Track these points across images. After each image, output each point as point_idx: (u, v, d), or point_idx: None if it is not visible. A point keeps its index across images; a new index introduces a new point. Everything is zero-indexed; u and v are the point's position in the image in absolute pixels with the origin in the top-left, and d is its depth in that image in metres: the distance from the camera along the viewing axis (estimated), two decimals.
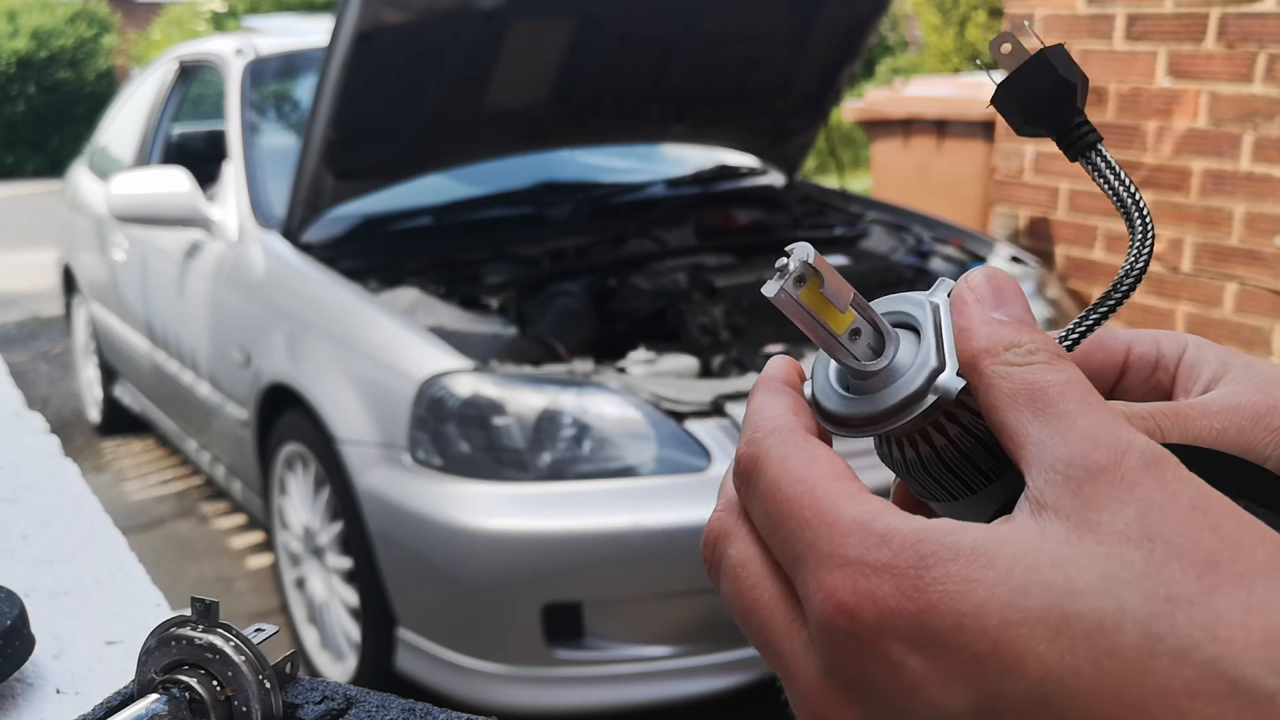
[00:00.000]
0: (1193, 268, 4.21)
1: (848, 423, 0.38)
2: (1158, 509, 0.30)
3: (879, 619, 0.31)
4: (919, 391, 0.36)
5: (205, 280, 3.79)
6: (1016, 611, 0.29)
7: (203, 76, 4.70)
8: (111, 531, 1.01)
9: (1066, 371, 0.33)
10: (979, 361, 0.34)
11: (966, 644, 0.30)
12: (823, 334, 0.36)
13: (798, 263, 0.35)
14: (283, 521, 3.31)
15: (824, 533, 0.33)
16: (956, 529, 0.31)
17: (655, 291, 3.40)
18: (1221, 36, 3.98)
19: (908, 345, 0.37)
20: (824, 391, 0.39)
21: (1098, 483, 0.30)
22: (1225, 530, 0.29)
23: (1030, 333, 0.35)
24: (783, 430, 0.36)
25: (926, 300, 0.38)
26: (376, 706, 0.61)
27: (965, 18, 11.34)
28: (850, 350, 0.37)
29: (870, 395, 0.37)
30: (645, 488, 2.58)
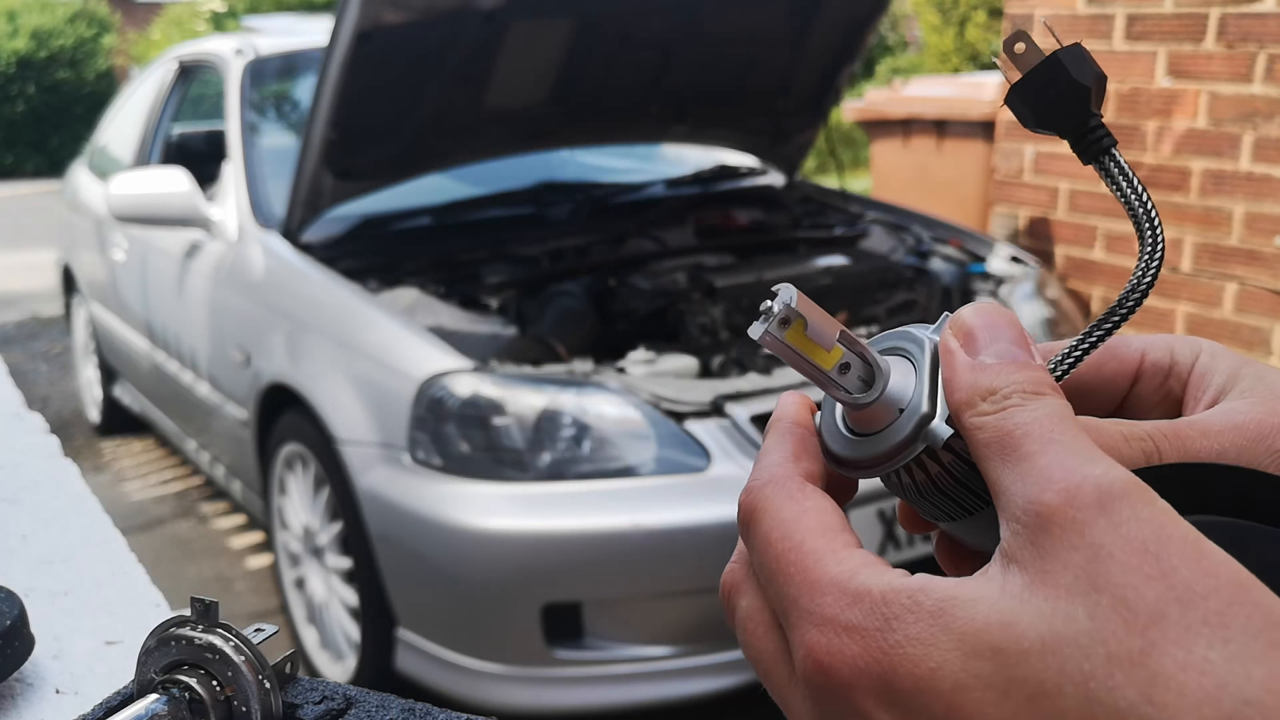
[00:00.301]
0: (1192, 268, 4.21)
1: (848, 465, 0.39)
2: (1105, 555, 0.29)
3: (850, 677, 0.32)
4: (908, 439, 0.37)
5: (205, 280, 3.79)
6: (968, 676, 0.30)
7: (202, 76, 4.70)
8: (111, 531, 1.01)
9: (1038, 409, 0.33)
10: (960, 415, 0.35)
11: (926, 705, 0.31)
12: (811, 371, 0.38)
13: (781, 305, 0.37)
14: (282, 521, 3.31)
15: (805, 590, 0.34)
16: (925, 587, 0.32)
17: (655, 291, 3.40)
18: (1221, 37, 3.98)
19: (901, 377, 0.38)
20: (830, 432, 0.40)
21: (1050, 529, 0.30)
22: (1178, 577, 0.28)
23: (1010, 372, 0.35)
24: (778, 480, 0.37)
25: (927, 338, 0.39)
26: (376, 706, 0.61)
27: (965, 18, 11.34)
28: (840, 384, 0.38)
29: (867, 438, 0.39)
30: (645, 488, 2.58)
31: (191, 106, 4.97)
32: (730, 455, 2.58)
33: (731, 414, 2.63)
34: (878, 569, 0.33)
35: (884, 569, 0.33)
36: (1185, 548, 0.29)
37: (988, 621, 0.30)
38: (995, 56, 0.42)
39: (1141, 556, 0.29)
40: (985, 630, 0.30)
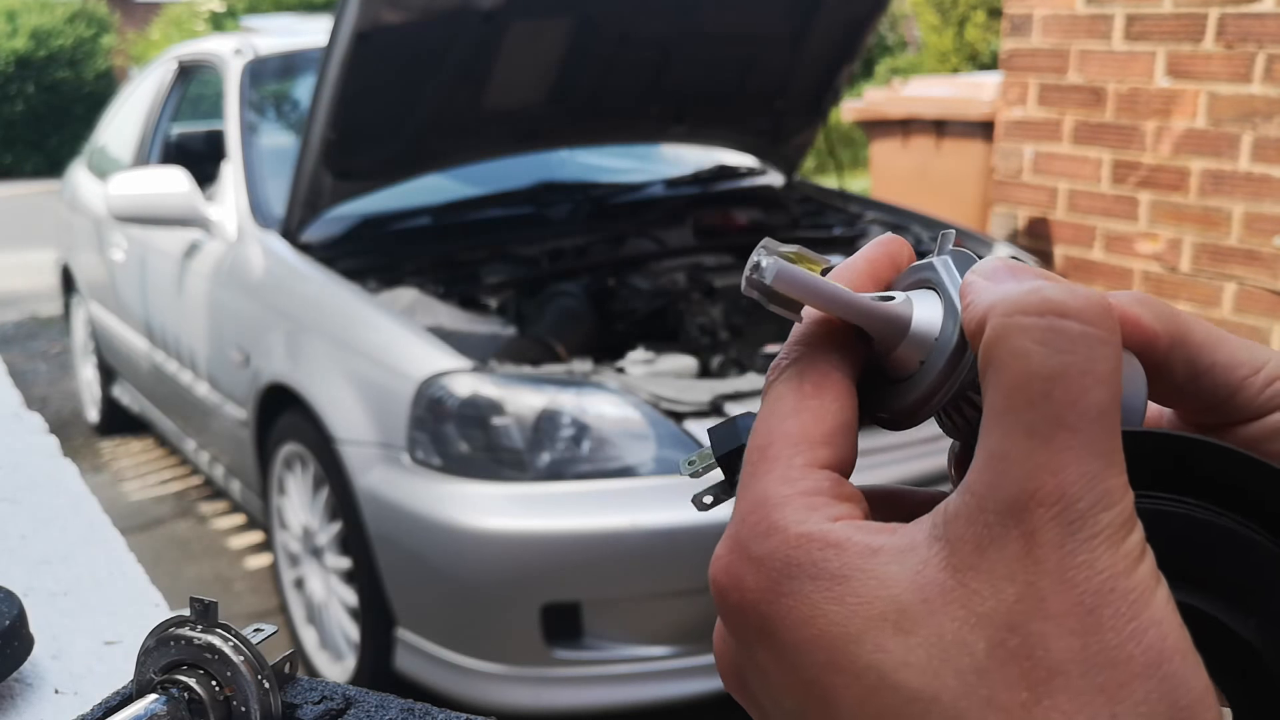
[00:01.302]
0: (1191, 268, 4.21)
1: (903, 413, 0.35)
2: (1038, 598, 0.27)
3: (739, 605, 0.31)
4: (944, 374, 0.33)
5: (204, 280, 3.79)
6: (845, 658, 0.28)
7: (202, 76, 4.70)
8: (110, 531, 1.01)
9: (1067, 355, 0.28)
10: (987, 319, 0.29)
11: (800, 664, 0.29)
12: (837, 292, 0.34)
13: (760, 249, 0.34)
14: (281, 521, 3.31)
15: (743, 496, 0.32)
16: (841, 543, 0.29)
17: (654, 291, 3.40)
18: (1220, 37, 3.98)
19: (928, 309, 0.34)
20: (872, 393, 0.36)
21: (1007, 547, 0.27)
22: (1097, 638, 0.26)
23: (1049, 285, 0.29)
24: (800, 365, 0.34)
25: (936, 260, 0.35)
26: (375, 706, 0.61)
27: (964, 18, 11.35)
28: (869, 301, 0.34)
29: (905, 384, 0.35)
30: (644, 488, 2.58)
31: (191, 106, 4.97)
32: None
33: (730, 414, 2.63)
34: (814, 503, 0.31)
35: (821, 505, 0.31)
36: (1124, 607, 0.26)
37: (885, 612, 0.28)
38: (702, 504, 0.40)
39: (1074, 609, 0.26)
40: (880, 622, 0.28)
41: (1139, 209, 4.33)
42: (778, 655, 0.30)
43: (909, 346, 0.34)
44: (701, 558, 2.11)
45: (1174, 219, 4.23)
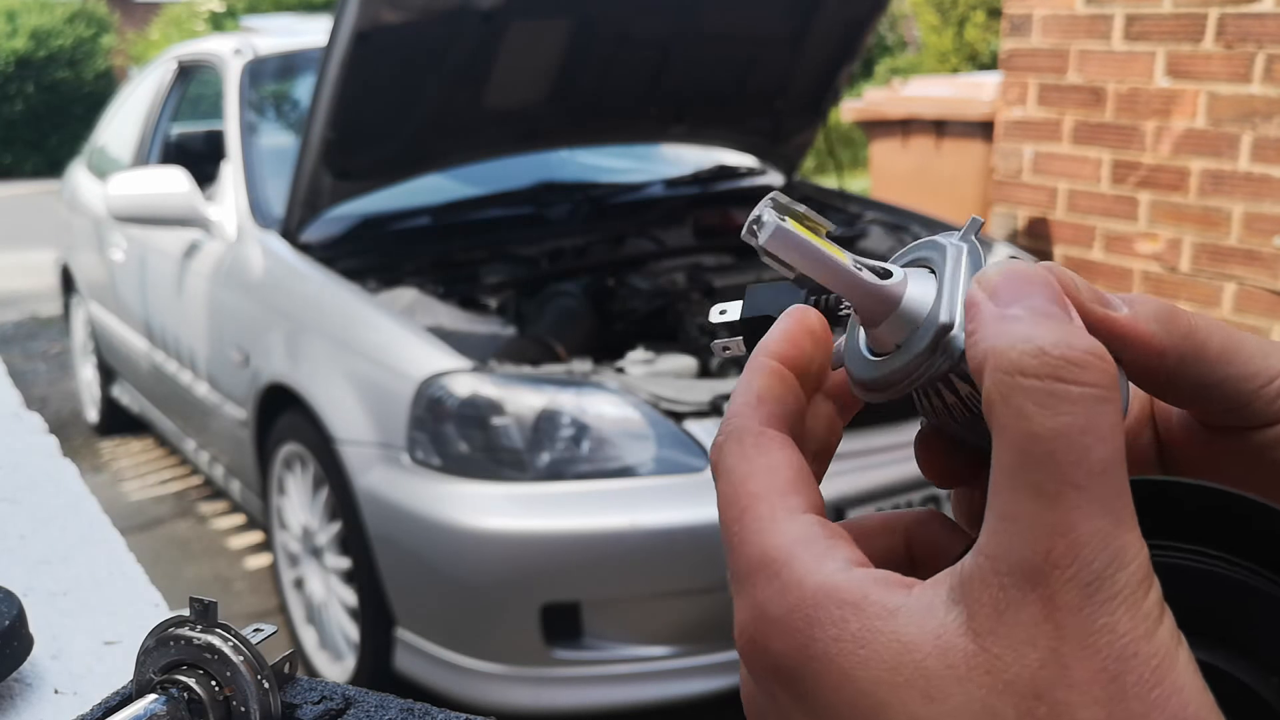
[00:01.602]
0: (1191, 268, 4.21)
1: (871, 388, 0.36)
2: (1061, 665, 0.27)
3: (771, 668, 0.31)
4: (925, 352, 0.33)
5: (204, 280, 3.79)
6: None
7: (201, 76, 4.70)
8: (110, 531, 1.01)
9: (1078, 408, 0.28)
10: (982, 373, 0.30)
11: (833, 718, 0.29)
12: (827, 264, 0.34)
13: (768, 203, 0.34)
14: (281, 521, 3.31)
15: (740, 563, 0.32)
16: (857, 599, 0.29)
17: (654, 291, 3.40)
18: (1220, 37, 3.98)
19: (921, 287, 0.34)
20: (852, 356, 0.37)
21: (1024, 610, 0.27)
22: (1121, 706, 0.26)
23: (1049, 330, 0.29)
24: (735, 433, 0.35)
25: (951, 244, 0.35)
26: (375, 706, 0.61)
27: (964, 18, 11.35)
28: (859, 274, 0.34)
29: (887, 357, 0.35)
30: (644, 488, 2.58)
31: (190, 106, 4.97)
32: None
33: None
34: (815, 551, 0.31)
35: (823, 551, 0.31)
36: (1147, 673, 0.26)
37: (912, 679, 0.28)
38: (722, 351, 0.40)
39: (1098, 676, 0.26)
40: (907, 689, 0.28)
41: (1139, 209, 4.33)
42: (816, 716, 0.30)
43: (891, 326, 0.35)
44: (701, 557, 2.11)
45: (1174, 219, 4.23)
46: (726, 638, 2.57)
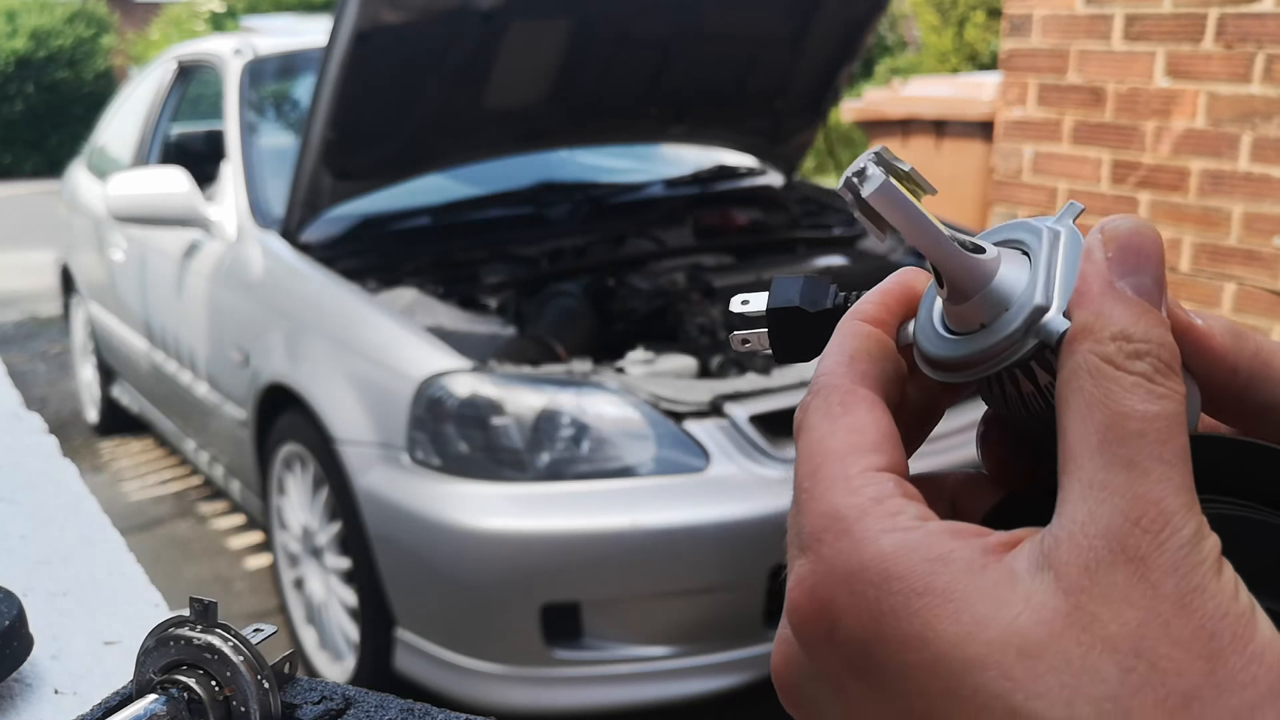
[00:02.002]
0: (1191, 268, 4.21)
1: (945, 366, 0.34)
2: (1161, 623, 0.27)
3: (829, 631, 0.30)
4: (1017, 333, 0.32)
5: (204, 280, 3.79)
6: (966, 687, 0.27)
7: (201, 76, 4.70)
8: (110, 531, 1.01)
9: (1163, 400, 0.29)
10: (1076, 339, 0.30)
11: (907, 693, 0.28)
12: (930, 228, 0.33)
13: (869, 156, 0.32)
14: (281, 522, 3.31)
15: (808, 521, 0.31)
16: (942, 553, 0.29)
17: (654, 291, 3.40)
18: (1220, 37, 3.98)
19: (1014, 269, 0.33)
20: (924, 331, 0.35)
21: (1116, 571, 0.27)
22: (1222, 660, 0.27)
23: (1148, 324, 0.30)
24: (825, 390, 0.34)
25: (1046, 228, 0.34)
26: (375, 706, 0.61)
27: (964, 18, 11.35)
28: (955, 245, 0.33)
29: (968, 336, 0.34)
30: (644, 488, 2.58)
31: (190, 106, 4.97)
32: (729, 455, 2.58)
33: (730, 414, 2.63)
34: (891, 508, 0.30)
35: (899, 509, 0.30)
36: (1240, 629, 0.27)
37: (1006, 638, 0.27)
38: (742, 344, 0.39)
39: (1198, 634, 0.27)
40: (1001, 648, 0.27)
41: (1139, 209, 4.33)
42: (878, 685, 0.29)
43: (979, 304, 0.33)
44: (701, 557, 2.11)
45: (1173, 219, 4.23)
46: (727, 638, 2.56)
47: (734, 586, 2.54)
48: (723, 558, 2.51)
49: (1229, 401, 0.36)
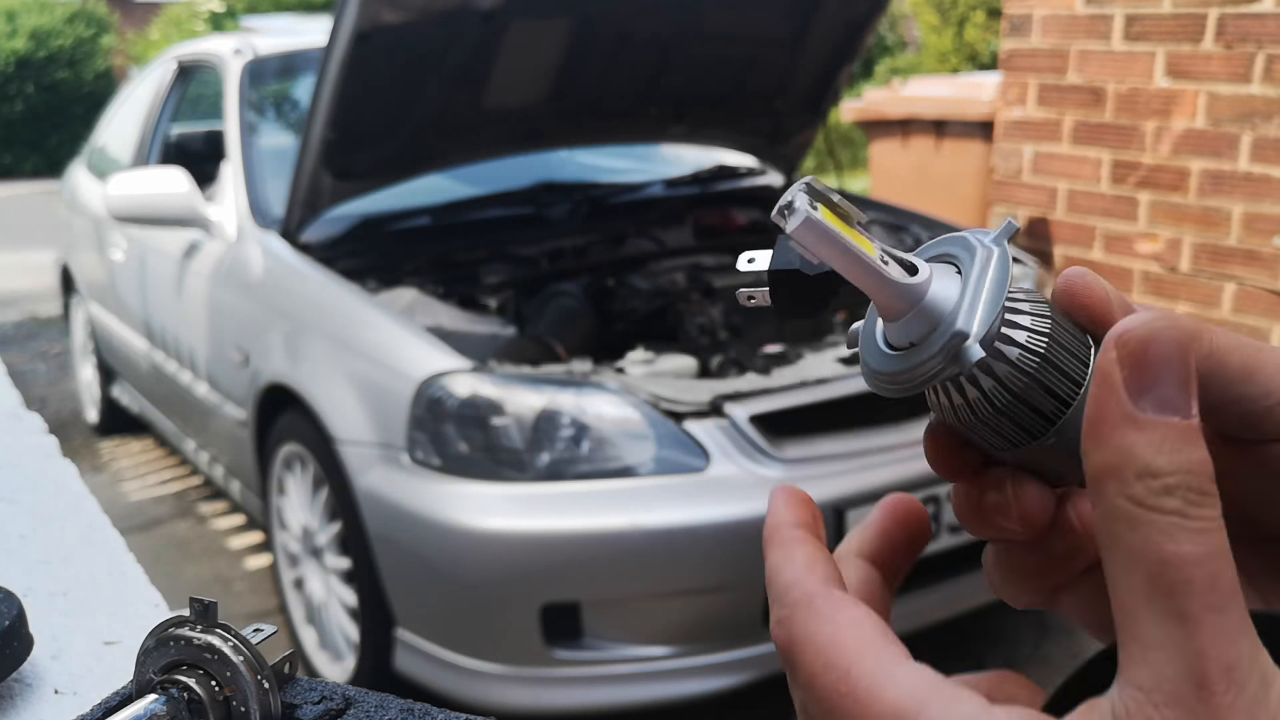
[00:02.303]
0: (1191, 268, 4.21)
1: (882, 380, 0.36)
2: None
3: None
4: (935, 356, 0.34)
5: (203, 280, 3.79)
6: None
7: (201, 76, 4.70)
8: (110, 532, 1.01)
9: (1203, 537, 0.28)
10: (1102, 481, 0.30)
11: None
12: (853, 257, 0.34)
13: (801, 188, 0.34)
14: (281, 522, 3.31)
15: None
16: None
17: (654, 291, 3.40)
18: (1220, 37, 3.98)
19: (946, 286, 0.35)
20: (868, 347, 0.37)
21: None
22: None
23: (1172, 449, 0.29)
24: (802, 601, 0.34)
25: (980, 245, 0.35)
26: (375, 706, 0.61)
27: (964, 18, 11.35)
28: (885, 270, 0.34)
29: (902, 354, 0.35)
30: (644, 488, 2.58)
31: (190, 106, 4.97)
32: (729, 455, 2.58)
33: (730, 414, 2.63)
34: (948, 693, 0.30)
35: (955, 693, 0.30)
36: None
37: None
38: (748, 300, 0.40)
39: None
40: None
41: (1138, 209, 4.33)
42: None
43: (907, 324, 0.35)
44: (701, 558, 2.11)
45: (1173, 219, 4.23)
46: (727, 638, 2.56)
47: (734, 586, 2.54)
48: (723, 558, 2.51)
49: None
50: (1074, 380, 0.36)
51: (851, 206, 0.35)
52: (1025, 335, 0.35)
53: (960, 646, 3.26)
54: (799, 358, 3.01)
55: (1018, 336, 0.35)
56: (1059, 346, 0.36)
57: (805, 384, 2.75)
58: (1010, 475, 0.38)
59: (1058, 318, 0.36)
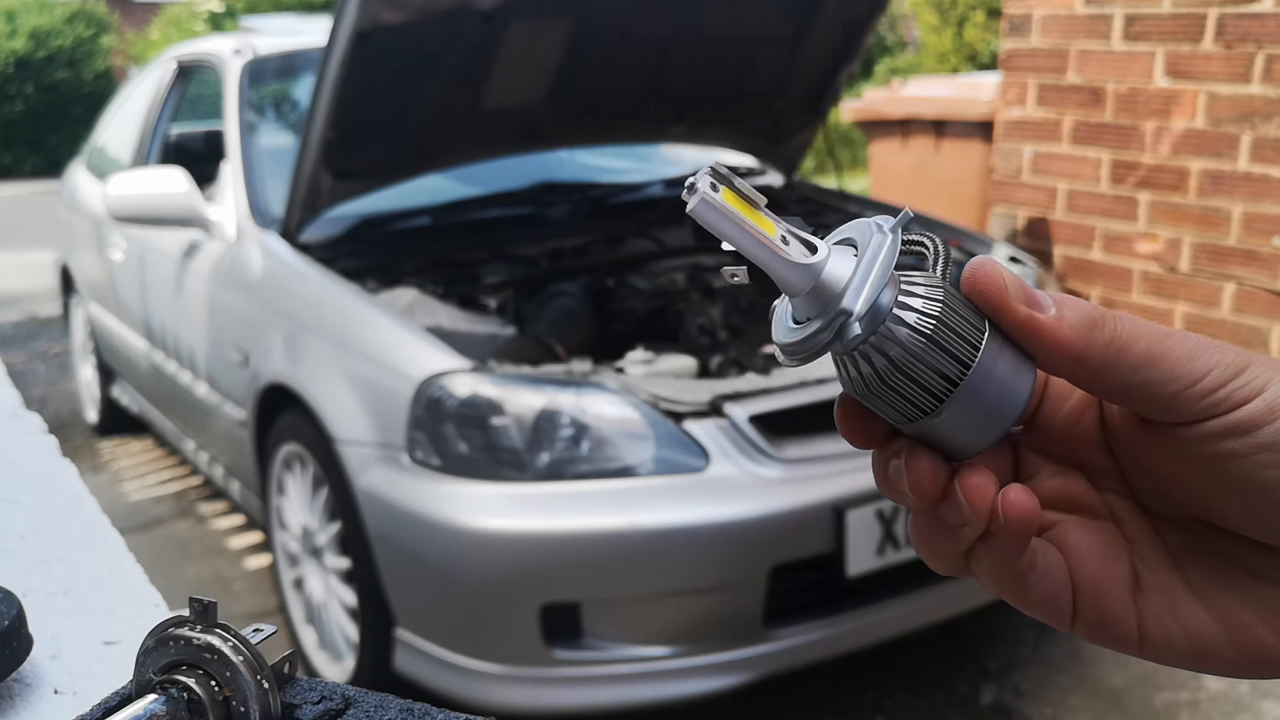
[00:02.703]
0: (1191, 268, 4.21)
1: (784, 350, 0.40)
2: None
3: None
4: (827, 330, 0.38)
5: (203, 280, 3.79)
6: None
7: (201, 76, 4.70)
8: (109, 532, 1.01)
9: None
10: None
11: None
12: (754, 237, 0.37)
13: (705, 171, 0.37)
14: (281, 522, 3.31)
15: None
16: None
17: (653, 291, 3.40)
18: (1219, 37, 3.98)
19: (842, 265, 0.38)
20: (779, 320, 0.41)
21: None
22: None
23: None
24: None
25: (875, 231, 0.39)
26: (375, 706, 0.61)
27: (963, 18, 11.35)
28: (780, 250, 0.38)
29: (801, 326, 0.39)
30: (643, 488, 2.57)
31: (190, 106, 4.97)
32: (729, 455, 2.58)
33: (730, 414, 2.63)
34: None
35: None
36: None
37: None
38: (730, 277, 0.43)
39: None
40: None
41: (1138, 209, 4.33)
42: None
43: (804, 302, 0.39)
44: (701, 557, 2.11)
45: (1173, 219, 4.23)
46: (726, 638, 2.56)
47: (734, 586, 2.54)
48: (722, 558, 2.51)
49: (1082, 384, 0.41)
50: (962, 361, 0.39)
51: (751, 190, 0.38)
52: (915, 317, 0.38)
53: (960, 646, 3.26)
54: None
55: (908, 318, 0.38)
56: (947, 329, 0.38)
57: (805, 384, 2.75)
58: (908, 446, 0.41)
59: (953, 304, 0.39)
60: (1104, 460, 0.45)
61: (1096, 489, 0.46)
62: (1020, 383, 0.40)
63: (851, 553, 2.57)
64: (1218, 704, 2.92)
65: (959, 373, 0.38)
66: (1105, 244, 4.49)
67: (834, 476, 2.62)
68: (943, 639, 3.25)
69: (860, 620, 2.67)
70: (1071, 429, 0.45)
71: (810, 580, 2.64)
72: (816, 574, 2.62)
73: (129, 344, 4.64)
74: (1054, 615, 0.44)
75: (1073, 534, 0.45)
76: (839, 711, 3.00)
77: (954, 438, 0.40)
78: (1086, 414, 0.45)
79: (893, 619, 2.72)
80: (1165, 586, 0.44)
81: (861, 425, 0.42)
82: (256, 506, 3.59)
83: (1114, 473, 0.45)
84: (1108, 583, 0.44)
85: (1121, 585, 0.44)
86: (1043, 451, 0.46)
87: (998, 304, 0.40)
